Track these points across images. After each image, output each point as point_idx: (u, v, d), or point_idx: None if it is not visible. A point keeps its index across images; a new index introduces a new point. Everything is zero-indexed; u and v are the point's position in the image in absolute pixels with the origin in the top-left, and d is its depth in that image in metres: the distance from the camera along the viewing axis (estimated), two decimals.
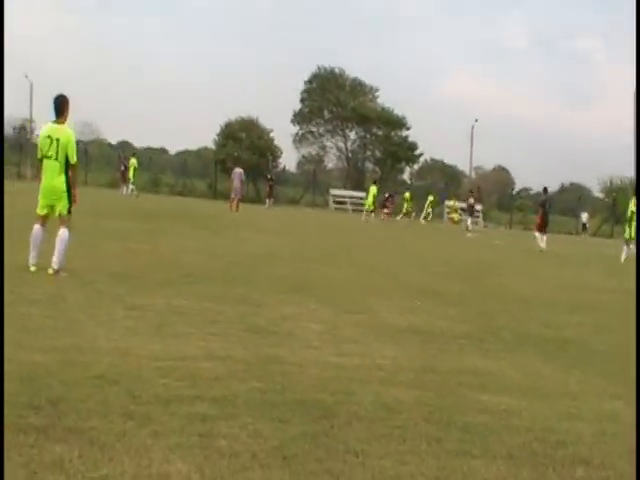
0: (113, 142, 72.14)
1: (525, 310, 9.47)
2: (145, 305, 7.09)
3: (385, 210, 41.33)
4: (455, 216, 48.96)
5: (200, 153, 69.42)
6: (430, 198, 45.27)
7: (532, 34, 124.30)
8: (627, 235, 21.82)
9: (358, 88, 65.53)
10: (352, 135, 66.21)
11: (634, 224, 21.24)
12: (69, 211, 8.81)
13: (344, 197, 54.13)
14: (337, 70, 65.35)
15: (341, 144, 66.22)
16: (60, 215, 8.76)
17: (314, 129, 65.80)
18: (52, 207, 8.78)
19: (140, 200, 32.00)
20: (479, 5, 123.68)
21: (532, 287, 12.67)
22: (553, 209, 31.86)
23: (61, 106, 8.76)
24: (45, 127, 8.82)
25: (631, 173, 71.72)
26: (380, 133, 64.62)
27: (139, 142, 67.63)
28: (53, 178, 8.68)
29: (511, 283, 12.97)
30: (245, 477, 3.25)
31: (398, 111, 64.01)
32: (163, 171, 57.36)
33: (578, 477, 3.61)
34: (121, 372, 4.66)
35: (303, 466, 3.43)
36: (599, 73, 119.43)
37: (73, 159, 8.70)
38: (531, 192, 68.22)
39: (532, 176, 79.32)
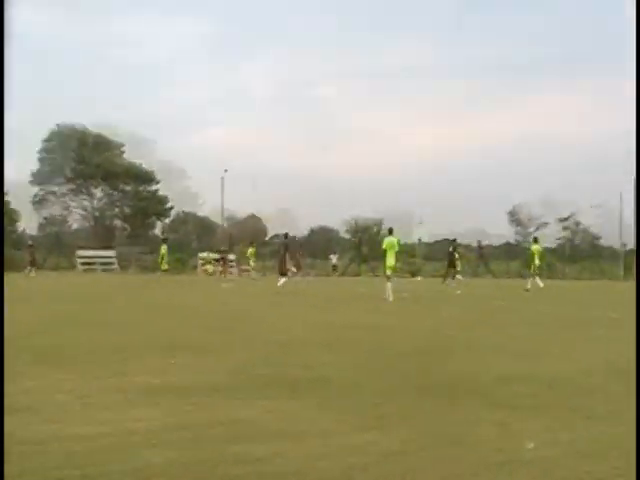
0: None
1: (280, 354, 9.61)
2: None
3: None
4: (209, 267, 49.12)
5: None
6: (250, 250, 45.02)
7: (276, 82, 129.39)
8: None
9: (102, 144, 63.96)
10: (98, 193, 64.33)
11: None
12: None
13: (92, 257, 52.24)
14: (78, 127, 63.34)
15: (86, 203, 64.11)
16: None
17: (56, 189, 63.07)
18: None
19: None
20: (222, 53, 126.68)
21: (287, 329, 12.94)
22: (303, 252, 34.20)
23: None
24: None
25: (373, 214, 76.81)
26: (128, 189, 63.51)
27: None
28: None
29: (267, 328, 13.16)
30: None
31: (147, 165, 63.45)
32: None
33: None
34: None
35: None
36: (336, 120, 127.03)
37: None
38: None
39: (284, 222, 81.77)
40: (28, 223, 60.33)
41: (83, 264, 51.22)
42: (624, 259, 64.63)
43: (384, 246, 24.29)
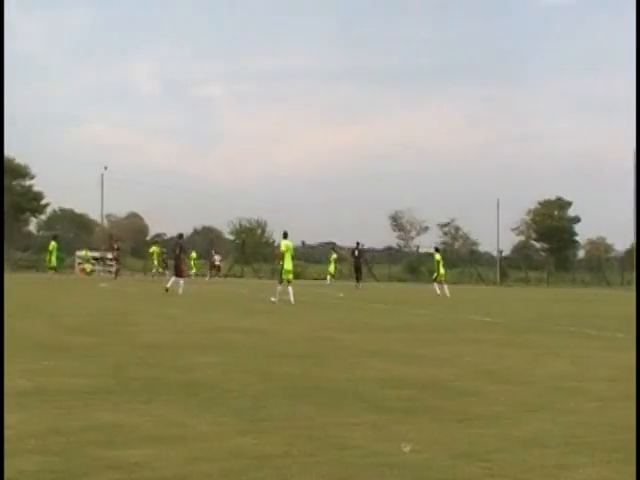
0: None
1: (156, 356, 9.43)
2: None
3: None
4: (88, 266, 47.69)
5: None
6: (154, 248, 42.71)
7: (160, 80, 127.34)
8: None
9: None
10: None
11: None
12: None
13: None
14: None
15: None
16: None
17: None
18: None
19: None
20: (107, 51, 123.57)
21: (163, 332, 12.73)
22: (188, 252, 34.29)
23: None
24: None
25: (258, 215, 76.86)
26: None
27: None
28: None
29: (143, 331, 12.89)
30: None
31: (20, 160, 60.81)
32: None
33: None
34: None
35: None
36: (219, 119, 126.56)
37: None
38: (165, 237, 69.42)
39: (166, 221, 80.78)
40: None
41: None
42: (499, 265, 67.52)
43: (282, 249, 23.48)
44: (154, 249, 42.23)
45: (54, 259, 35.11)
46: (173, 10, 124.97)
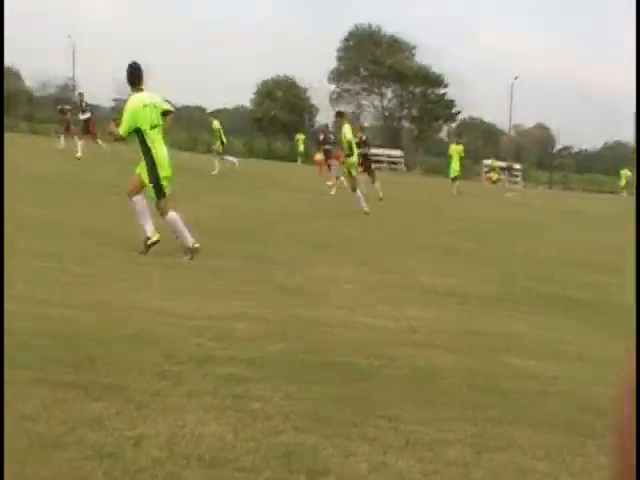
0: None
1: (560, 271, 9.35)
2: (182, 264, 7.13)
3: None
4: (494, 175, 48.27)
5: (237, 112, 69.21)
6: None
7: None
8: None
9: (395, 46, 64.43)
10: (389, 93, 65.39)
11: None
12: None
13: (380, 156, 53.55)
14: (374, 27, 64.32)
15: (377, 102, 65.44)
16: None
17: (351, 87, 65.08)
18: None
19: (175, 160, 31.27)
20: None
21: (567, 248, 12.47)
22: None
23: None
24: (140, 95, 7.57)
25: None
26: (417, 91, 63.68)
27: (176, 100, 66.98)
28: (164, 148, 7.73)
29: (547, 244, 12.77)
30: (279, 440, 3.25)
31: (436, 69, 62.95)
32: (200, 130, 57.08)
33: None
34: (156, 331, 4.71)
35: (336, 429, 3.42)
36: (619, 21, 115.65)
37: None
38: (572, 151, 67.11)
39: (575, 134, 77.63)
40: (325, 119, 63.20)
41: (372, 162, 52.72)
42: None
43: None
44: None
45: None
46: None
